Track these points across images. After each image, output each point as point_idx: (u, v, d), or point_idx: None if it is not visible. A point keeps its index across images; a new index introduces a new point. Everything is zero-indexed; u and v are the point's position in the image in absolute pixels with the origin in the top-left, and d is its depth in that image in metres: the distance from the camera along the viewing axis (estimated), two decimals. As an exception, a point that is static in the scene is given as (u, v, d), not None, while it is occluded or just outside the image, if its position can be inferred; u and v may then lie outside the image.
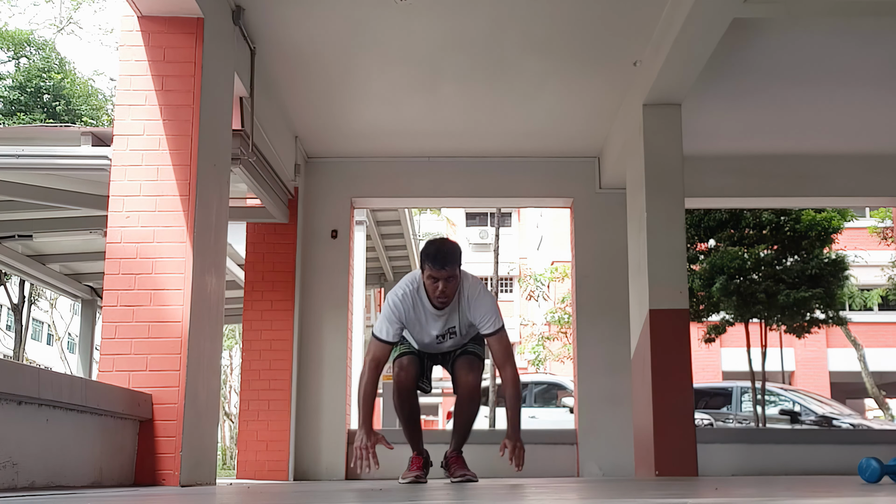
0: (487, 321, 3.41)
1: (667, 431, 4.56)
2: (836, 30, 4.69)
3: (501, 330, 3.44)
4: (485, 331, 3.43)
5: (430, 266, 3.30)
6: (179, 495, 2.59)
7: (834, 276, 8.82)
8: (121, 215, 3.58)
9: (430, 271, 3.30)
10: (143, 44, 3.71)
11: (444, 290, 3.32)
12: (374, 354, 3.41)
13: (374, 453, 3.29)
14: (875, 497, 1.82)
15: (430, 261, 3.30)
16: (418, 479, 3.54)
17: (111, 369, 3.42)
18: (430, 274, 3.31)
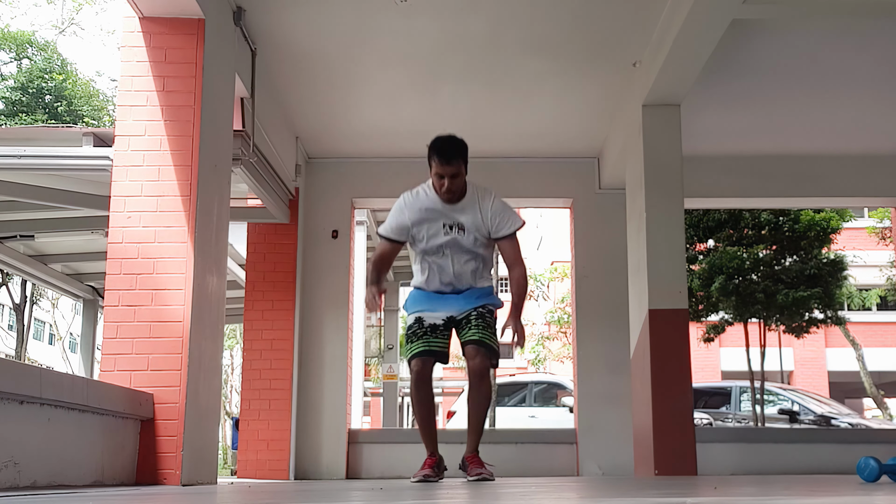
0: (505, 222, 3.40)
1: (666, 431, 4.57)
2: (834, 31, 4.70)
3: (515, 233, 3.45)
4: (502, 232, 3.41)
5: (436, 160, 3.29)
6: (181, 494, 2.60)
7: (832, 276, 8.83)
8: (122, 215, 3.59)
9: (436, 167, 3.30)
10: (145, 45, 3.72)
11: (450, 187, 3.32)
12: (379, 250, 3.49)
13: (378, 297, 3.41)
14: (874, 496, 1.83)
15: (435, 153, 3.30)
16: (427, 478, 3.55)
17: (113, 369, 3.44)
18: (435, 170, 3.31)
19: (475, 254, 3.46)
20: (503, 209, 3.44)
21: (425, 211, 3.41)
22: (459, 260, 3.45)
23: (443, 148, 3.32)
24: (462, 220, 3.40)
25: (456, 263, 3.45)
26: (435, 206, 3.41)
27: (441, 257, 3.45)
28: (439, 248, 3.44)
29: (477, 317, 3.47)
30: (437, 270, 3.49)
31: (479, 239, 3.44)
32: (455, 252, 3.44)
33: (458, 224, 3.41)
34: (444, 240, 3.41)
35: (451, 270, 3.47)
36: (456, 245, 3.43)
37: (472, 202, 3.41)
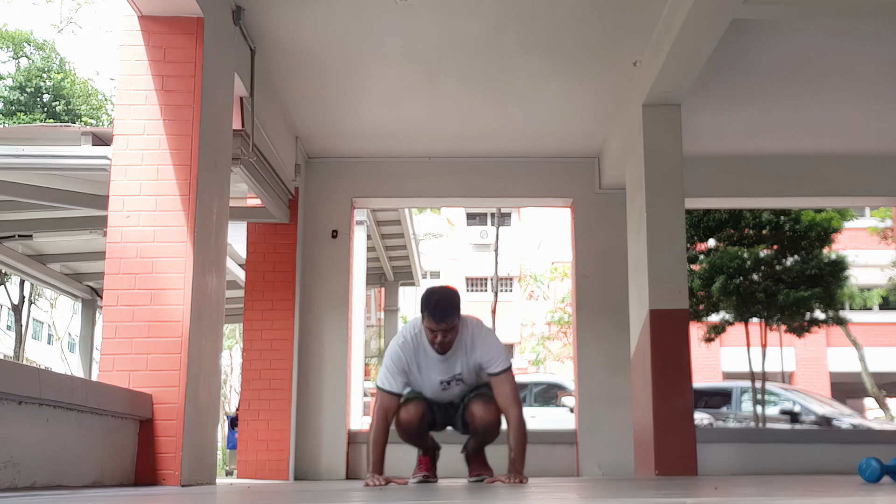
0: (495, 361, 3.37)
1: (667, 431, 4.57)
2: (834, 30, 4.69)
3: (508, 370, 3.39)
4: (492, 370, 3.37)
5: (429, 318, 3.29)
6: (180, 495, 2.59)
7: (834, 276, 8.83)
8: (121, 215, 3.58)
9: (429, 323, 3.30)
10: (144, 44, 3.71)
11: (443, 341, 3.32)
12: (381, 404, 3.38)
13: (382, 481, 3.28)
14: (875, 497, 1.82)
15: (428, 313, 3.29)
16: (427, 479, 3.54)
17: (111, 369, 3.43)
18: (428, 326, 3.31)
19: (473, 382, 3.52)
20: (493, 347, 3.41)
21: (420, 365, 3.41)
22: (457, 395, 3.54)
23: (436, 308, 3.29)
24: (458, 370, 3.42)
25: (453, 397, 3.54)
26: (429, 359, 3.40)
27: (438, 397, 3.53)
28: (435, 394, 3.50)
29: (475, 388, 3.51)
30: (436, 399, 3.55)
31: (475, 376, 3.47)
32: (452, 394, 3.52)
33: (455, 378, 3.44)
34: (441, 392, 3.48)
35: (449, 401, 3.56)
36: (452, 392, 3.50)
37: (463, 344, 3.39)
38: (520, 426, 3.34)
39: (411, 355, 3.38)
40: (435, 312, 3.27)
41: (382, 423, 3.33)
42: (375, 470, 3.27)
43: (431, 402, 3.55)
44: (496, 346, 3.41)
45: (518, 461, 3.30)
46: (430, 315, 3.28)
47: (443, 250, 27.51)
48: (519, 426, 3.34)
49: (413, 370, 3.40)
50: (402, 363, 3.37)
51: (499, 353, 3.39)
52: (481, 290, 29.39)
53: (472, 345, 3.38)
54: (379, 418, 3.34)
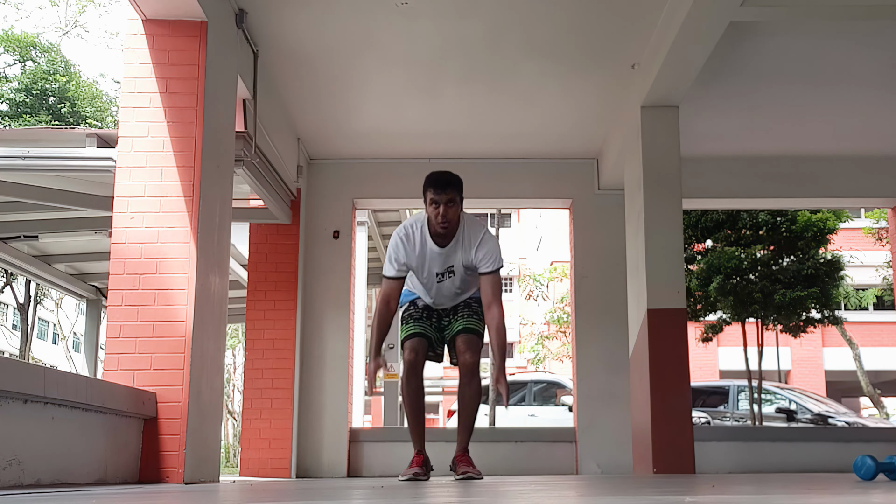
0: (488, 259, 3.47)
1: (665, 429, 4.60)
2: (831, 33, 4.73)
3: (498, 271, 3.52)
4: (484, 269, 3.47)
5: (432, 189, 3.37)
6: (183, 493, 2.61)
7: (829, 276, 8.87)
8: (125, 216, 3.61)
9: (432, 195, 3.38)
10: (148, 47, 3.75)
11: (446, 214, 3.37)
12: (384, 291, 3.54)
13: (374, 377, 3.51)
14: (870, 495, 1.85)
15: (431, 184, 3.38)
16: (417, 476, 3.58)
17: (116, 368, 3.46)
18: (431, 198, 3.38)
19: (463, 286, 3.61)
20: (490, 246, 3.50)
21: (418, 257, 3.50)
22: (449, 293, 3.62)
23: (438, 179, 3.41)
24: (453, 264, 3.51)
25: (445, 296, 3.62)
26: (427, 249, 3.49)
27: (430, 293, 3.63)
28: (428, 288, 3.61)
29: (464, 307, 3.63)
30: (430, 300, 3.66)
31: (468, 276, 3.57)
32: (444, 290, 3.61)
33: (448, 270, 3.53)
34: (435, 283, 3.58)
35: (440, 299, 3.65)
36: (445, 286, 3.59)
37: (461, 237, 3.48)
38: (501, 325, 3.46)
39: (411, 244, 3.47)
40: (438, 182, 3.37)
41: (384, 308, 3.52)
42: (374, 349, 3.48)
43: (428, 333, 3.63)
44: (493, 248, 3.50)
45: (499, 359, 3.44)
46: (433, 185, 3.37)
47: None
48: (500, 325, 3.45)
49: (412, 256, 3.49)
50: (401, 252, 3.48)
51: (493, 254, 3.49)
52: (480, 290, 29.26)
53: (471, 239, 3.47)
54: (381, 304, 3.52)
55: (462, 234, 3.48)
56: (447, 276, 3.55)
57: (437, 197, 3.37)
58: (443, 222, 3.39)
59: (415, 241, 3.48)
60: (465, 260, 3.50)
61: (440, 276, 3.55)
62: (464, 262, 3.51)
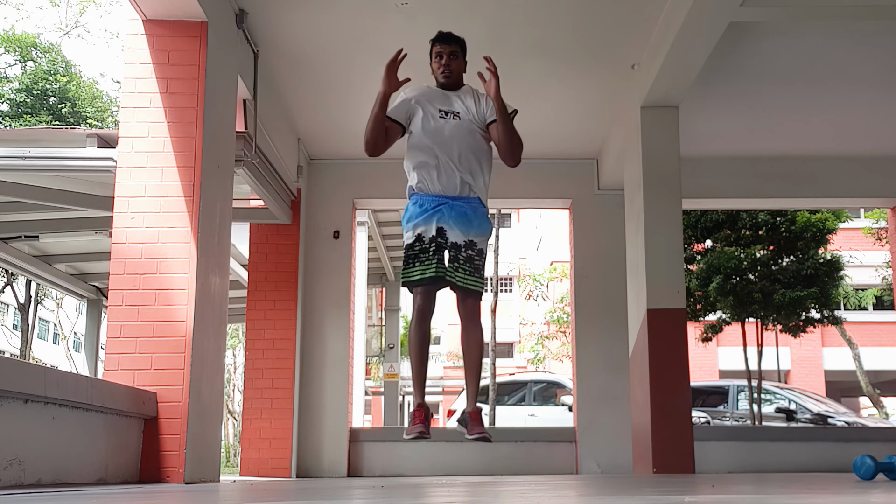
0: None
1: (664, 429, 4.61)
2: (831, 33, 4.73)
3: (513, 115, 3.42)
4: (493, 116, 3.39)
5: (437, 44, 3.42)
6: (184, 492, 2.62)
7: (829, 276, 8.87)
8: (126, 216, 3.62)
9: (437, 47, 3.43)
10: (148, 47, 3.76)
11: (448, 64, 3.41)
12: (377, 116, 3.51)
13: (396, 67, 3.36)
14: (870, 494, 1.86)
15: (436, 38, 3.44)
16: (422, 435, 3.54)
17: (116, 368, 3.47)
18: (436, 51, 3.43)
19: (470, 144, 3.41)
20: None
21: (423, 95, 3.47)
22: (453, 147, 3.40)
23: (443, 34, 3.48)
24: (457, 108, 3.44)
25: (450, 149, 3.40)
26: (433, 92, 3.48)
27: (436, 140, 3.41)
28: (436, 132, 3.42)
29: (466, 260, 3.41)
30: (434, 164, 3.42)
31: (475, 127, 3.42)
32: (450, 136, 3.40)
33: (453, 112, 3.44)
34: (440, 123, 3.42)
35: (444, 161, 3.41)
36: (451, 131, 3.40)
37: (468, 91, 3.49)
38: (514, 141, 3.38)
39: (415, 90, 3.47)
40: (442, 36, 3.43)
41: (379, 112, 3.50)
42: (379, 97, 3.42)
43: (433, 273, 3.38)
44: None
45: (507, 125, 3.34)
46: (437, 39, 3.43)
47: (442, 250, 27.43)
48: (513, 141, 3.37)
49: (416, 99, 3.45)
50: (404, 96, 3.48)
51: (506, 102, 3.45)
52: (480, 290, 29.27)
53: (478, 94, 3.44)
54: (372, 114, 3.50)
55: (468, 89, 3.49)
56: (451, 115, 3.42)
57: (441, 48, 3.41)
58: (445, 72, 3.41)
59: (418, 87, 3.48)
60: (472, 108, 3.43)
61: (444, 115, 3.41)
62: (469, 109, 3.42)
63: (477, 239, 3.47)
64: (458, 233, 3.42)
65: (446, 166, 3.42)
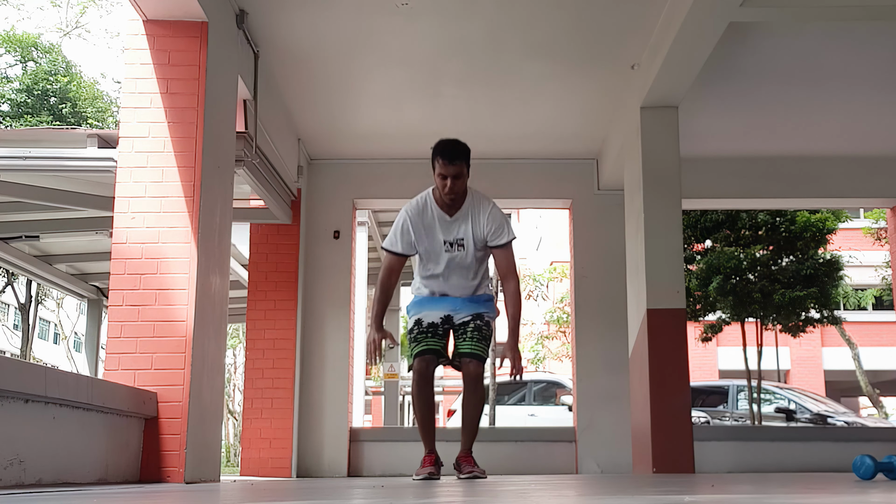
0: (499, 232, 3.49)
1: (664, 429, 4.62)
2: (830, 33, 4.74)
3: (510, 244, 3.52)
4: (495, 242, 3.49)
5: (440, 160, 3.38)
6: (184, 492, 2.62)
7: (829, 276, 8.88)
8: (126, 216, 3.62)
9: (440, 167, 3.39)
10: (149, 47, 3.76)
11: (453, 187, 3.40)
12: (387, 264, 3.55)
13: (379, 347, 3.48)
14: (869, 494, 1.86)
15: (439, 155, 3.38)
16: (431, 476, 3.58)
17: (117, 368, 3.47)
18: (439, 171, 3.40)
19: (474, 267, 3.58)
20: (500, 219, 3.53)
21: (427, 227, 3.50)
22: (459, 274, 3.57)
23: (446, 149, 3.42)
24: (461, 235, 3.50)
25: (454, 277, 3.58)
26: (436, 220, 3.50)
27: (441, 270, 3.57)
28: (439, 263, 3.56)
29: (474, 329, 3.56)
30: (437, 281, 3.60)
31: (478, 251, 3.54)
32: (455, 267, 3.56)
33: (457, 241, 3.51)
34: (445, 256, 3.54)
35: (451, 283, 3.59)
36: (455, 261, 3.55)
37: (470, 210, 3.50)
38: (516, 296, 3.51)
39: (418, 217, 3.49)
40: (445, 151, 3.38)
41: (386, 279, 3.53)
42: (376, 324, 3.48)
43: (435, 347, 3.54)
44: (502, 219, 3.52)
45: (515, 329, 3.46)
46: (440, 154, 3.37)
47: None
48: (516, 296, 3.51)
49: (419, 231, 3.49)
50: (407, 225, 3.49)
51: (504, 226, 3.51)
52: (480, 290, 29.29)
53: (479, 212, 3.48)
54: (384, 276, 3.54)
55: (470, 206, 3.49)
56: (456, 247, 3.51)
57: (445, 170, 3.38)
58: (450, 194, 3.42)
59: (421, 210, 3.48)
60: (475, 232, 3.50)
61: (449, 246, 3.50)
62: (473, 234, 3.50)
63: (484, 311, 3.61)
64: (464, 313, 3.59)
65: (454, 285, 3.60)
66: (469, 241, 3.50)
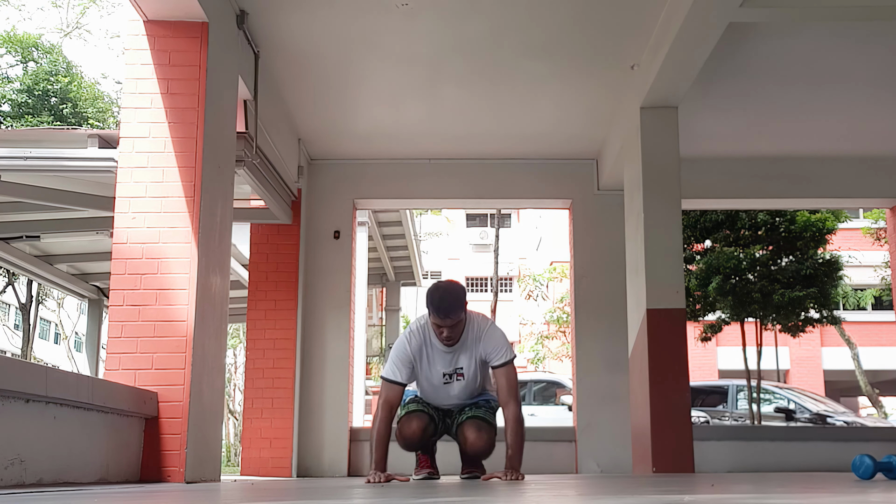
0: (498, 353, 3.42)
1: (664, 429, 4.62)
2: (830, 34, 4.75)
3: (511, 363, 3.44)
4: (495, 362, 3.43)
5: (434, 314, 3.33)
6: (184, 492, 2.63)
7: (828, 276, 8.88)
8: (127, 216, 3.63)
9: (435, 319, 3.33)
10: (149, 48, 3.76)
11: (450, 336, 3.37)
12: (385, 396, 3.41)
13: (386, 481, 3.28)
14: (869, 494, 1.86)
15: (433, 309, 3.32)
16: (431, 476, 3.59)
17: (117, 368, 3.47)
18: (434, 322, 3.35)
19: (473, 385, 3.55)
20: (498, 340, 3.46)
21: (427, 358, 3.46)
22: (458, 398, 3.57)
23: (440, 304, 3.31)
24: (460, 365, 3.46)
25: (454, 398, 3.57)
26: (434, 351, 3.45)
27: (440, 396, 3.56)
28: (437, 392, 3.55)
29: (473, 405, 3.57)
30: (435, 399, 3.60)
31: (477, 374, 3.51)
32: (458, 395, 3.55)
33: (457, 372, 3.48)
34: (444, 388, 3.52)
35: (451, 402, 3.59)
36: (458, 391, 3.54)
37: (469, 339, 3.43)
38: (517, 423, 3.35)
39: (417, 347, 3.43)
40: (440, 308, 3.29)
41: (386, 415, 3.34)
42: (378, 467, 3.29)
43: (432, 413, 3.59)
44: (500, 340, 3.46)
45: (515, 458, 3.33)
46: (435, 311, 3.31)
47: (443, 251, 27.56)
48: (517, 423, 3.35)
49: (418, 362, 3.45)
50: (407, 354, 3.42)
51: (502, 346, 3.45)
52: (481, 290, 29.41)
53: (478, 338, 3.43)
54: (382, 411, 3.35)
55: (469, 334, 3.43)
56: (455, 378, 3.49)
57: (441, 322, 3.32)
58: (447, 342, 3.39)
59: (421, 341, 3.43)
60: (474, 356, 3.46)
61: (447, 377, 3.49)
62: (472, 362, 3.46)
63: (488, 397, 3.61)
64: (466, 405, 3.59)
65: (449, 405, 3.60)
66: (469, 370, 3.48)
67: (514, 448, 3.32)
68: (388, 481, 3.20)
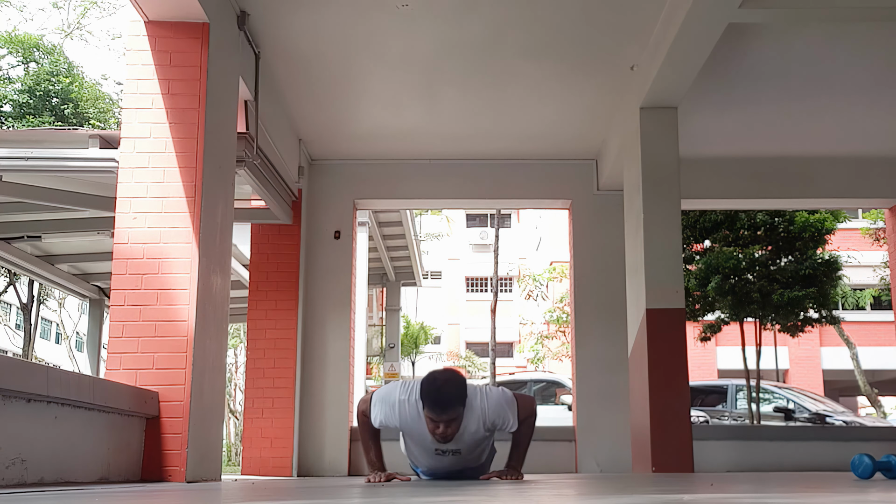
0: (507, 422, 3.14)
1: (663, 428, 4.63)
2: (829, 36, 4.76)
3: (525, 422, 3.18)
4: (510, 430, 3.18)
5: (430, 409, 2.94)
6: (185, 491, 2.63)
7: (827, 276, 8.89)
8: (128, 216, 3.64)
9: (430, 414, 2.96)
10: (150, 48, 3.77)
11: (445, 432, 3.00)
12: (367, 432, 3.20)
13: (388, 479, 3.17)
14: (868, 493, 1.87)
15: (429, 403, 2.92)
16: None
17: (118, 367, 3.48)
18: (429, 416, 2.98)
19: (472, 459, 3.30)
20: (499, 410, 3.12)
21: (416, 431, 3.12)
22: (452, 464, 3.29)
23: (437, 401, 2.92)
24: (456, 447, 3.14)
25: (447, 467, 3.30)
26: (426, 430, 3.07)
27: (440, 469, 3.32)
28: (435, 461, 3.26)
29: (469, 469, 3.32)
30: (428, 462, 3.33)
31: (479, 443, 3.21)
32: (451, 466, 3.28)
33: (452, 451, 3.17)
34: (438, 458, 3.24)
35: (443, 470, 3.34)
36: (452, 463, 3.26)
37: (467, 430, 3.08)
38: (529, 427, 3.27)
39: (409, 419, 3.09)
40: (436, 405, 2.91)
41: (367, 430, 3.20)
42: (377, 467, 3.25)
43: None
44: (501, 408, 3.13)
45: (517, 458, 3.30)
46: (431, 405, 2.92)
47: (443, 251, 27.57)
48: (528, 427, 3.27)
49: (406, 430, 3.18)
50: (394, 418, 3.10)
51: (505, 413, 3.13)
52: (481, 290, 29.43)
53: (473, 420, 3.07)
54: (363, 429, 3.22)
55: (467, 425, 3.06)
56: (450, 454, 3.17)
57: (437, 417, 2.94)
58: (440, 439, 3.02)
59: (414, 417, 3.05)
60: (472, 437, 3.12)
61: (441, 453, 3.17)
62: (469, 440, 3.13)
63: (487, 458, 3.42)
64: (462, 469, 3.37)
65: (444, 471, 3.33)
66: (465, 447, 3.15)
67: (518, 447, 3.26)
68: (389, 480, 3.17)
